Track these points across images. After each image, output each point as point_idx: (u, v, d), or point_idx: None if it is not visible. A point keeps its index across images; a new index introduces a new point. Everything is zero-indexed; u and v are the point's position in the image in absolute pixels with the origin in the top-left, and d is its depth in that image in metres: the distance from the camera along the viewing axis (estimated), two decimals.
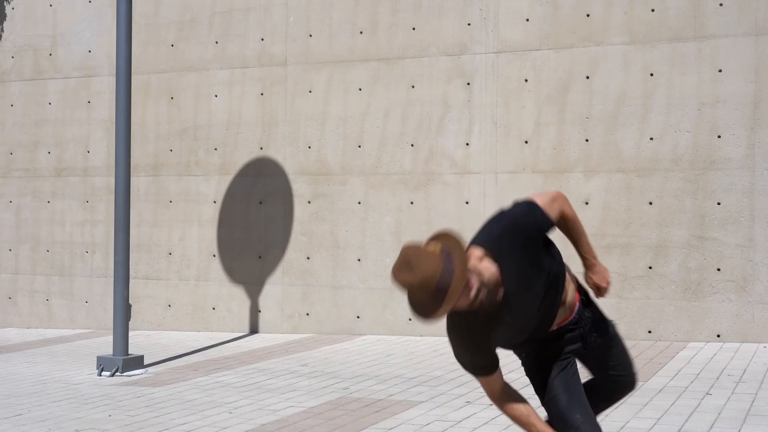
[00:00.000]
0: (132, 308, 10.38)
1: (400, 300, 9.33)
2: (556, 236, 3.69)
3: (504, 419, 5.82)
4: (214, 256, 10.44)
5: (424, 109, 9.61)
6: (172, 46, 10.69)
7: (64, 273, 11.18)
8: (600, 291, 3.81)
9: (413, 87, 9.66)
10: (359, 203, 9.81)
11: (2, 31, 11.53)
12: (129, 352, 8.23)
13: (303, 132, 10.08)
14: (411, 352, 8.67)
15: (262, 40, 10.29)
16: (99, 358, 8.05)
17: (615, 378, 3.90)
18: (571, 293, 3.73)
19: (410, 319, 9.44)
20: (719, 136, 8.59)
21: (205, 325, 10.48)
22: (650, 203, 8.79)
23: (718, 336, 8.54)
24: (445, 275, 3.24)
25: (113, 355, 8.05)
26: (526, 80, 9.23)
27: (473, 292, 3.30)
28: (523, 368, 3.83)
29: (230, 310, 10.37)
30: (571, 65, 9.09)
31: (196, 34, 10.58)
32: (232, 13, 10.43)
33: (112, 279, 8.30)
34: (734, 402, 6.16)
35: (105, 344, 9.56)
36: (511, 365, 4.43)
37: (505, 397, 3.67)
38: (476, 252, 3.41)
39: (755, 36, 8.50)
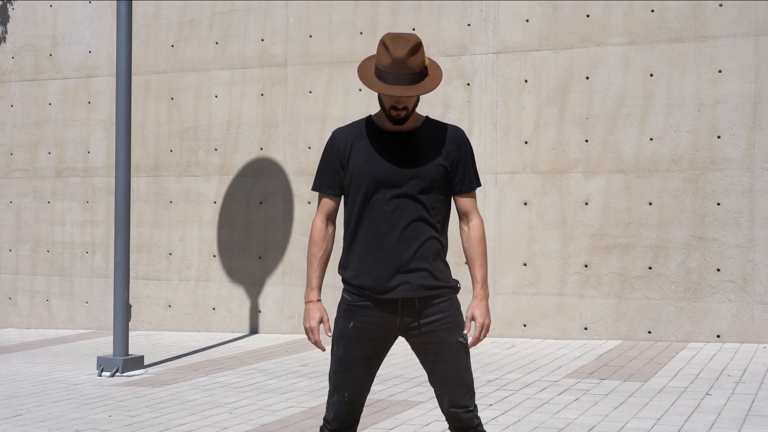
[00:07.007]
0: (132, 308, 10.38)
1: None
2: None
3: (504, 419, 5.83)
4: (214, 256, 10.44)
5: (424, 109, 9.60)
6: (172, 46, 10.69)
7: (64, 273, 11.18)
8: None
9: None
10: None
11: (3, 32, 11.54)
12: (129, 353, 8.23)
13: (303, 132, 10.09)
14: (411, 352, 8.64)
15: (262, 40, 10.29)
16: (99, 359, 8.06)
17: None
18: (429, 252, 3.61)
19: None
20: (719, 137, 8.59)
21: (205, 325, 10.48)
22: (650, 203, 8.79)
23: (718, 336, 8.54)
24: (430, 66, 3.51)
25: (113, 355, 8.06)
26: (525, 81, 9.23)
27: (413, 102, 3.49)
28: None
29: (230, 311, 10.37)
30: (571, 66, 9.09)
31: (196, 35, 10.58)
32: (232, 14, 10.44)
33: (112, 279, 8.31)
34: (734, 402, 6.16)
35: (105, 344, 9.56)
36: None
37: (322, 225, 3.67)
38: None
39: (755, 36, 8.51)
